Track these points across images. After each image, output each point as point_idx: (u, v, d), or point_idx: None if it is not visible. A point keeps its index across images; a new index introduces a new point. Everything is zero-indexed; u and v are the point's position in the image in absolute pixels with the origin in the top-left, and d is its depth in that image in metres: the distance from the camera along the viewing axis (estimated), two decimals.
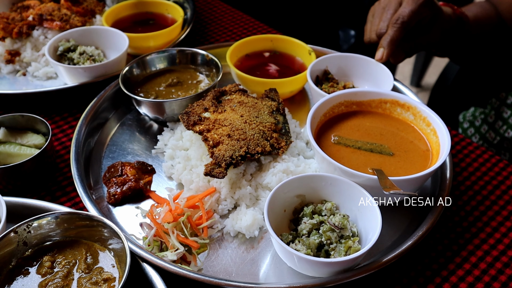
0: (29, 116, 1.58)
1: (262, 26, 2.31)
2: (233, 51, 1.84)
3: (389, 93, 1.58)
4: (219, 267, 1.31)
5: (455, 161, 1.65)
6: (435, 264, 1.35)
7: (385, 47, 1.64)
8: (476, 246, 1.39)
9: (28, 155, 1.50)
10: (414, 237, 1.32)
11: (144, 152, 1.64)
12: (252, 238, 1.39)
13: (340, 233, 1.27)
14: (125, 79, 1.74)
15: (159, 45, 2.03)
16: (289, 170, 1.45)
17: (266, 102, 1.61)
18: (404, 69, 4.92)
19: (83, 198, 1.40)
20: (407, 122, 1.57)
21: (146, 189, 1.51)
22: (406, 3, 1.63)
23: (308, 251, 1.24)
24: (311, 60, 1.79)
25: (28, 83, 1.93)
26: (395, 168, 1.43)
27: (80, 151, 1.56)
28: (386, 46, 1.63)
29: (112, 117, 1.77)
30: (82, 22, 2.05)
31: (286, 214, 1.37)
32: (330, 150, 1.47)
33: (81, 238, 1.29)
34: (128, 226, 1.41)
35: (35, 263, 1.24)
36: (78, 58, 1.87)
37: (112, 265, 1.24)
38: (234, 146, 1.42)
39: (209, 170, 1.38)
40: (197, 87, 1.78)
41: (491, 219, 1.47)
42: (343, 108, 1.59)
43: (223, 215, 1.44)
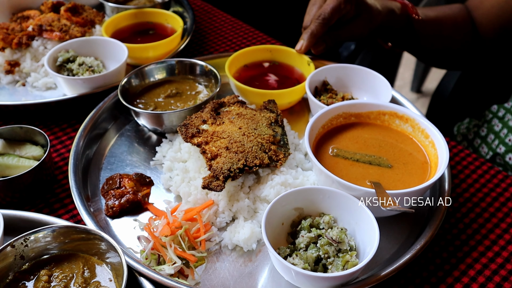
0: (28, 128, 1.58)
1: (261, 35, 2.32)
2: (232, 62, 1.84)
3: (387, 104, 1.58)
4: (217, 280, 1.31)
5: (454, 173, 1.64)
6: (433, 277, 1.35)
7: (305, 40, 1.74)
8: (475, 260, 1.39)
9: (26, 167, 1.51)
10: (413, 250, 1.31)
11: (142, 163, 1.64)
12: (250, 251, 1.38)
13: (338, 247, 1.26)
14: (123, 90, 1.74)
15: (159, 55, 2.03)
16: (287, 183, 1.45)
17: (264, 114, 1.61)
18: (405, 74, 4.92)
19: (81, 211, 1.40)
20: (406, 134, 1.56)
21: (144, 201, 1.50)
22: (330, 0, 1.71)
23: (306, 265, 1.23)
24: (310, 70, 1.79)
25: (28, 94, 1.94)
26: (393, 181, 1.42)
27: (79, 163, 1.56)
28: (306, 39, 1.74)
29: (111, 128, 1.77)
30: (82, 32, 2.06)
31: (284, 227, 1.37)
32: (328, 162, 1.47)
33: (79, 252, 1.29)
34: (126, 239, 1.41)
35: (32, 277, 1.24)
36: (77, 69, 1.88)
37: (109, 279, 1.24)
38: (232, 159, 1.42)
39: (207, 183, 1.38)
40: (196, 98, 1.78)
41: (489, 232, 1.46)
42: (341, 120, 1.59)
43: (221, 228, 1.43)
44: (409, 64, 4.87)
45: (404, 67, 4.88)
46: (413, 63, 4.73)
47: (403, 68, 4.86)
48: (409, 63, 4.87)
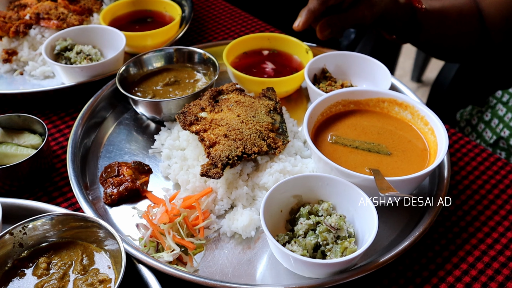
0: (26, 117, 1.58)
1: (260, 23, 2.30)
2: (230, 50, 1.83)
3: (387, 92, 1.57)
4: (216, 268, 1.31)
5: (453, 160, 1.64)
6: (432, 264, 1.35)
7: (303, 16, 1.69)
8: (474, 246, 1.39)
9: (24, 156, 1.50)
10: (411, 237, 1.31)
11: (141, 151, 1.64)
12: (249, 238, 1.38)
13: (337, 234, 1.26)
14: (122, 78, 1.73)
15: (157, 43, 2.02)
16: (286, 170, 1.45)
17: (263, 102, 1.60)
18: (405, 64, 4.90)
19: (79, 199, 1.40)
20: (405, 121, 1.56)
21: (143, 189, 1.50)
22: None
23: (304, 252, 1.23)
24: (308, 58, 1.78)
25: (26, 82, 1.93)
26: (392, 168, 1.42)
27: (77, 151, 1.55)
28: (304, 15, 1.69)
29: (109, 117, 1.76)
30: (79, 20, 2.04)
31: (282, 214, 1.37)
32: (327, 149, 1.47)
33: (77, 239, 1.29)
34: (125, 226, 1.41)
35: (31, 265, 1.24)
36: (75, 57, 1.87)
37: (108, 266, 1.24)
38: (231, 146, 1.41)
39: (205, 171, 1.38)
40: (195, 86, 1.77)
41: (488, 219, 1.46)
42: (340, 107, 1.58)
43: (219, 216, 1.43)
44: (410, 54, 4.85)
45: (405, 57, 4.86)
46: (413, 52, 4.71)
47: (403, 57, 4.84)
48: (409, 53, 4.84)
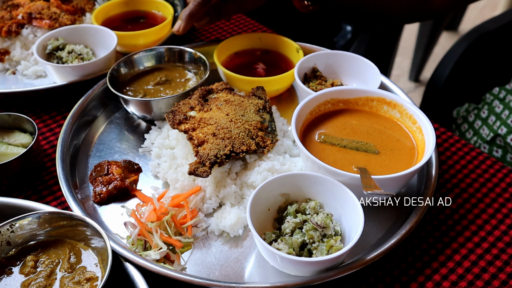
0: (16, 116, 1.58)
1: (253, 23, 2.31)
2: (221, 49, 1.84)
3: (375, 91, 1.57)
4: (203, 266, 1.32)
5: (442, 159, 1.64)
6: (419, 262, 1.35)
7: (183, 20, 1.70)
8: (461, 244, 1.39)
9: (14, 154, 1.51)
10: (398, 235, 1.32)
11: (131, 150, 1.65)
12: (237, 237, 1.39)
13: (323, 232, 1.27)
14: (112, 77, 1.74)
15: (149, 43, 2.03)
16: (274, 169, 1.45)
17: (252, 101, 1.60)
18: (403, 64, 4.91)
19: (67, 197, 1.41)
20: (394, 120, 1.56)
21: (132, 188, 1.51)
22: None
23: (291, 250, 1.24)
24: (299, 58, 1.78)
25: (18, 82, 1.93)
26: (380, 167, 1.42)
27: (66, 150, 1.56)
28: (184, 19, 1.70)
29: (100, 116, 1.77)
30: (72, 20, 2.05)
31: (270, 212, 1.37)
32: (315, 148, 1.47)
33: (65, 238, 1.29)
34: (113, 225, 1.41)
35: (18, 263, 1.24)
36: (66, 57, 1.87)
37: (95, 264, 1.24)
38: (219, 145, 1.42)
39: (193, 169, 1.38)
40: (186, 85, 1.77)
41: (476, 217, 1.46)
42: (329, 106, 1.59)
43: (207, 214, 1.44)
44: (407, 53, 4.85)
45: (402, 56, 4.86)
46: (411, 52, 4.71)
47: (401, 57, 4.84)
48: (407, 52, 4.85)
